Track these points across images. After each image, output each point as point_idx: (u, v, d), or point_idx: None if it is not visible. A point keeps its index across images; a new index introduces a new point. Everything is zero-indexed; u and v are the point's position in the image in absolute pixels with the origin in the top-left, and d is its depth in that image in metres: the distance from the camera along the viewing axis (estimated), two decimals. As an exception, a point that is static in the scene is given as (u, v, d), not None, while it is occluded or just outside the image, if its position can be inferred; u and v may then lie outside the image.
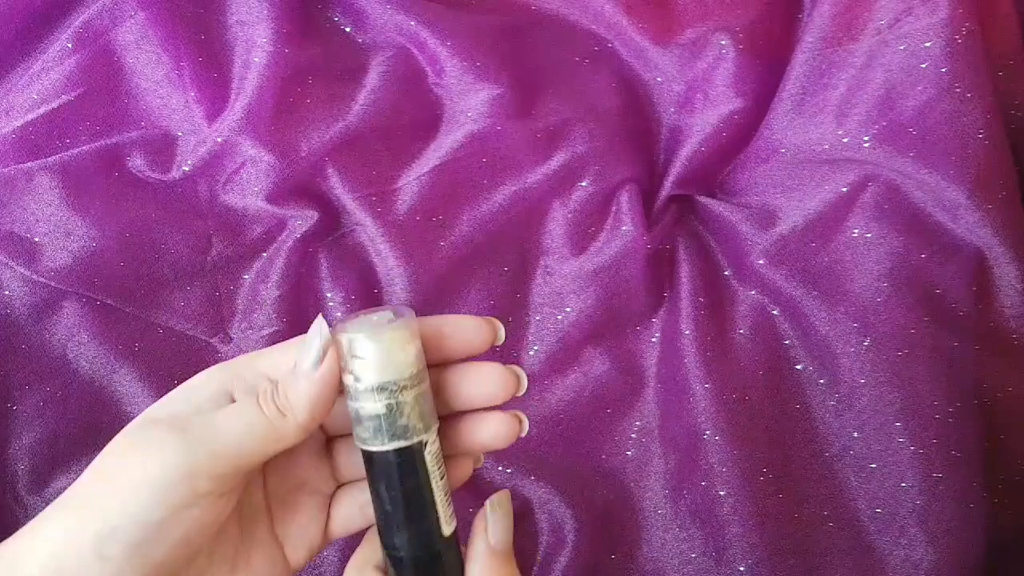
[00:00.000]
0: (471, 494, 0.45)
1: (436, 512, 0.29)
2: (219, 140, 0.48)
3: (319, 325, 0.28)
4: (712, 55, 0.51)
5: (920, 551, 0.42)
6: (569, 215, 0.50)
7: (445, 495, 0.29)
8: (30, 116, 0.49)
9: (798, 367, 0.47)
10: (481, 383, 0.29)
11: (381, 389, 0.27)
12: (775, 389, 0.46)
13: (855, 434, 0.44)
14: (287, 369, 0.28)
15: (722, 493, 0.43)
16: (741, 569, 0.42)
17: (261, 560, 0.30)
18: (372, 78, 0.50)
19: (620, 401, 0.48)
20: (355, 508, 0.32)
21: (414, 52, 0.52)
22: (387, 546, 0.29)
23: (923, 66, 0.46)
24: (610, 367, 0.49)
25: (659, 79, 0.54)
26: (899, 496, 0.43)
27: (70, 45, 0.50)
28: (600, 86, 0.53)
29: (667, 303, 0.50)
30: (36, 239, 0.46)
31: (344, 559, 0.44)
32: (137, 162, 0.49)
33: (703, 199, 0.52)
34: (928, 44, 0.46)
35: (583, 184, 0.50)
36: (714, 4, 0.53)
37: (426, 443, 0.28)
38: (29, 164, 0.47)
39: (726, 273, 0.51)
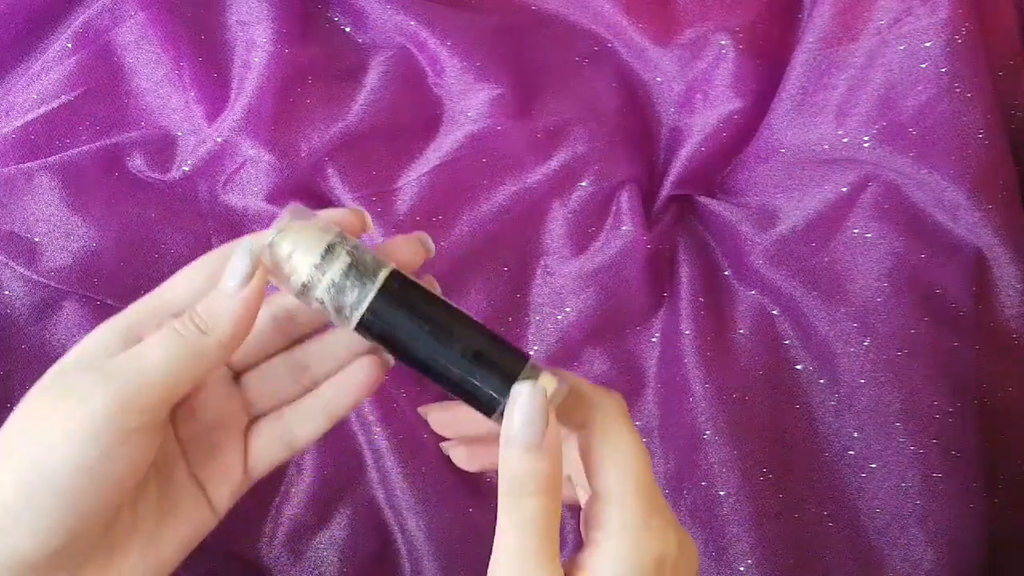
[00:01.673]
0: (471, 494, 0.45)
1: (458, 308, 0.28)
2: (219, 140, 0.48)
3: (245, 242, 0.28)
4: (712, 55, 0.51)
5: (920, 551, 0.42)
6: (569, 215, 0.50)
7: None
8: (30, 116, 0.49)
9: (798, 367, 0.47)
10: (396, 255, 0.30)
11: (330, 248, 0.27)
12: (775, 389, 0.46)
13: (855, 434, 0.44)
14: (193, 298, 0.28)
15: (722, 493, 0.43)
16: (741, 569, 0.42)
17: (186, 506, 0.30)
18: (372, 78, 0.50)
19: (620, 401, 0.48)
20: (274, 440, 0.32)
21: (414, 52, 0.52)
22: (447, 370, 0.28)
23: (923, 66, 0.46)
24: (610, 367, 0.49)
25: (659, 79, 0.54)
26: (899, 496, 0.43)
27: (70, 45, 0.50)
28: (600, 86, 0.53)
29: (667, 303, 0.50)
30: (36, 239, 0.46)
31: (344, 560, 0.44)
32: (137, 162, 0.49)
33: (703, 199, 0.52)
34: (928, 44, 0.46)
35: (583, 184, 0.50)
36: (714, 4, 0.53)
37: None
38: (29, 164, 0.47)
39: (726, 273, 0.51)
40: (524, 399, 0.26)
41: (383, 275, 0.28)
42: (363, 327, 0.28)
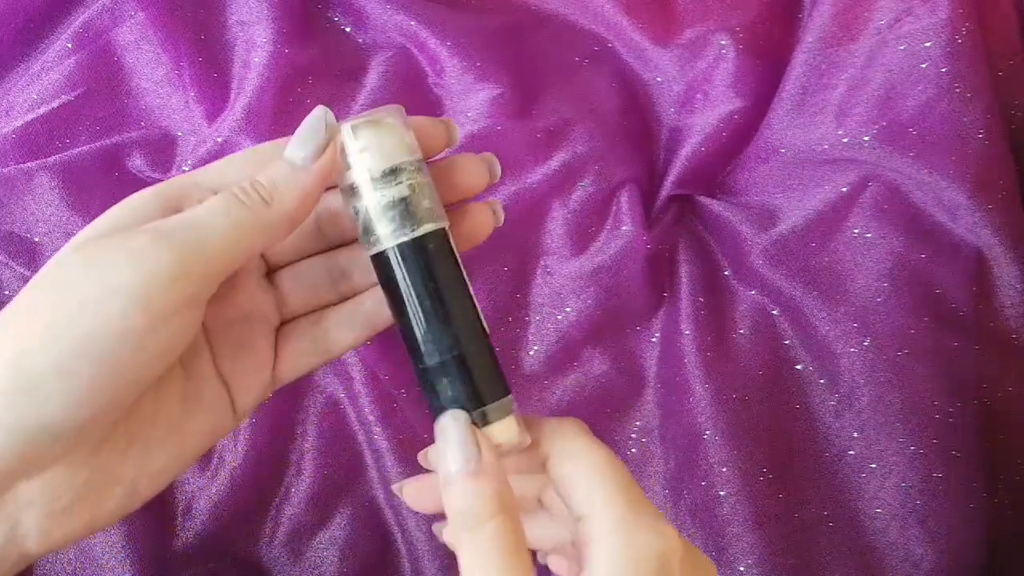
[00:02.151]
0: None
1: (476, 307, 0.27)
2: (219, 140, 0.48)
3: (322, 113, 0.26)
4: (712, 55, 0.51)
5: (920, 551, 0.42)
6: (569, 215, 0.50)
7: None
8: (30, 116, 0.49)
9: (798, 367, 0.47)
10: (459, 174, 0.28)
11: (396, 171, 0.26)
12: (775, 389, 0.46)
13: (855, 434, 0.44)
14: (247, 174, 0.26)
15: (722, 493, 0.43)
16: (741, 569, 0.42)
17: (209, 401, 0.27)
18: (372, 78, 0.50)
19: (620, 401, 0.48)
20: (307, 344, 0.30)
21: (414, 52, 0.52)
22: (428, 354, 0.26)
23: (923, 66, 0.46)
24: (610, 367, 0.49)
25: (659, 79, 0.54)
26: (899, 496, 0.43)
27: (70, 45, 0.50)
28: (600, 86, 0.53)
29: (667, 303, 0.50)
30: (36, 239, 0.46)
31: (344, 560, 0.44)
32: (137, 162, 0.49)
33: (703, 199, 0.52)
34: (928, 44, 0.46)
35: (583, 184, 0.50)
36: (714, 4, 0.53)
37: (448, 231, 0.27)
38: (29, 164, 0.47)
39: (726, 273, 0.51)
40: (450, 430, 0.25)
41: (426, 229, 0.26)
42: (377, 261, 0.27)
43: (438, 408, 0.26)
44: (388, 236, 0.26)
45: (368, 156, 0.26)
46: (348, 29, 0.54)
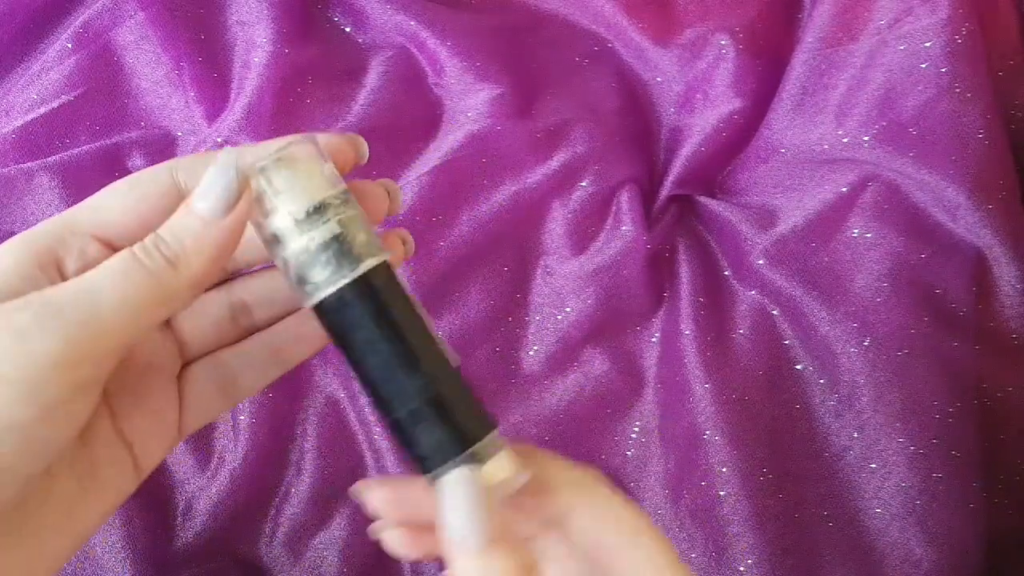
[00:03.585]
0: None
1: (438, 337, 0.24)
2: (219, 140, 0.48)
3: (231, 158, 0.22)
4: (712, 55, 0.51)
5: (920, 551, 0.42)
6: (569, 215, 0.50)
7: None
8: (30, 116, 0.49)
9: (798, 367, 0.47)
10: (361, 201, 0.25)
11: (322, 208, 0.23)
12: (775, 389, 0.46)
13: (855, 434, 0.44)
14: (137, 224, 0.23)
15: (722, 493, 0.43)
16: (741, 569, 0.42)
17: (109, 468, 0.24)
18: (372, 78, 0.50)
19: (620, 401, 0.48)
20: (212, 390, 0.27)
21: (414, 52, 0.52)
22: (398, 405, 0.23)
23: (923, 66, 0.46)
24: (610, 367, 0.49)
25: (659, 79, 0.54)
26: (899, 496, 0.43)
27: (70, 45, 0.50)
28: (600, 86, 0.53)
29: (667, 303, 0.50)
30: (36, 239, 0.46)
31: (344, 560, 0.44)
32: (137, 162, 0.49)
33: (703, 199, 0.52)
34: (928, 44, 0.46)
35: (583, 184, 0.50)
36: (714, 4, 0.53)
37: (389, 261, 0.24)
38: (29, 164, 0.47)
39: (726, 273, 0.51)
40: (457, 497, 0.22)
41: (367, 265, 0.23)
42: (320, 311, 0.24)
43: (422, 460, 0.24)
44: (326, 281, 0.23)
45: (287, 198, 0.23)
46: (348, 29, 0.54)
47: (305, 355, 0.28)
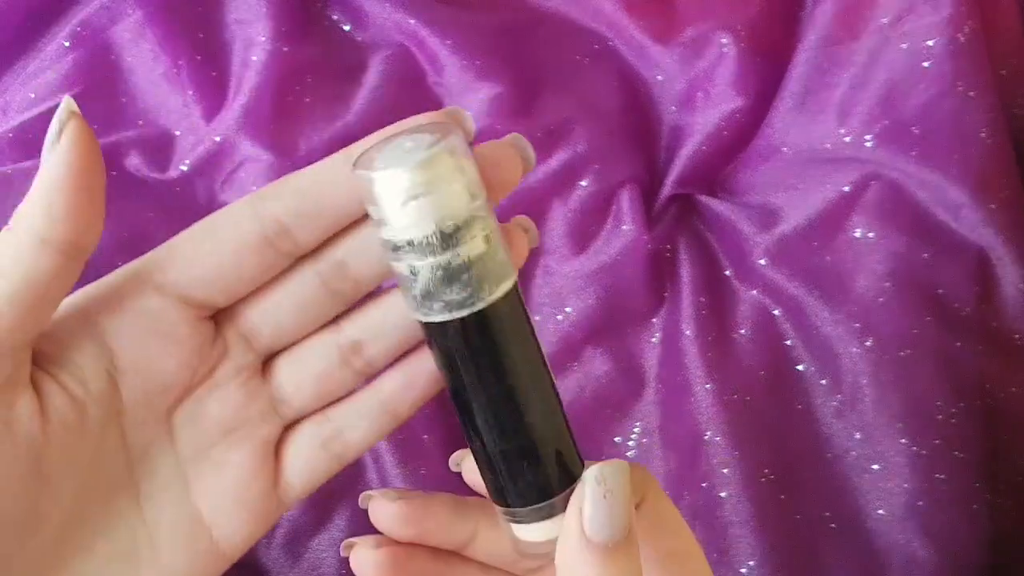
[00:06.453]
0: (470, 496, 0.45)
1: (551, 373, 0.22)
2: (217, 139, 0.48)
3: (65, 103, 0.19)
4: (713, 53, 0.51)
5: (922, 552, 0.42)
6: (569, 215, 0.50)
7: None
8: (27, 115, 0.49)
9: (799, 367, 0.47)
10: (486, 169, 0.22)
11: (468, 224, 0.20)
12: (776, 390, 0.46)
13: (857, 435, 0.44)
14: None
15: (723, 494, 0.43)
16: (742, 571, 0.42)
17: (175, 552, 0.21)
18: (372, 77, 0.50)
19: (620, 401, 0.48)
20: (316, 450, 0.23)
21: (414, 51, 0.52)
22: (496, 439, 0.21)
23: (925, 65, 0.46)
24: (610, 367, 0.48)
25: (660, 77, 0.53)
26: (901, 497, 0.43)
27: (67, 43, 0.50)
28: (600, 85, 0.53)
29: (668, 303, 0.50)
30: (33, 239, 0.46)
31: (344, 561, 0.44)
32: (135, 161, 0.49)
33: (704, 198, 0.52)
34: (930, 43, 0.45)
35: (583, 184, 0.50)
36: (715, 2, 0.52)
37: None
38: (27, 163, 0.47)
39: (727, 273, 0.50)
40: (604, 487, 0.20)
41: (502, 291, 0.21)
42: (435, 329, 0.21)
43: (505, 493, 0.22)
44: (456, 304, 0.20)
45: (428, 206, 0.19)
46: (347, 27, 0.54)
47: (420, 399, 0.24)
